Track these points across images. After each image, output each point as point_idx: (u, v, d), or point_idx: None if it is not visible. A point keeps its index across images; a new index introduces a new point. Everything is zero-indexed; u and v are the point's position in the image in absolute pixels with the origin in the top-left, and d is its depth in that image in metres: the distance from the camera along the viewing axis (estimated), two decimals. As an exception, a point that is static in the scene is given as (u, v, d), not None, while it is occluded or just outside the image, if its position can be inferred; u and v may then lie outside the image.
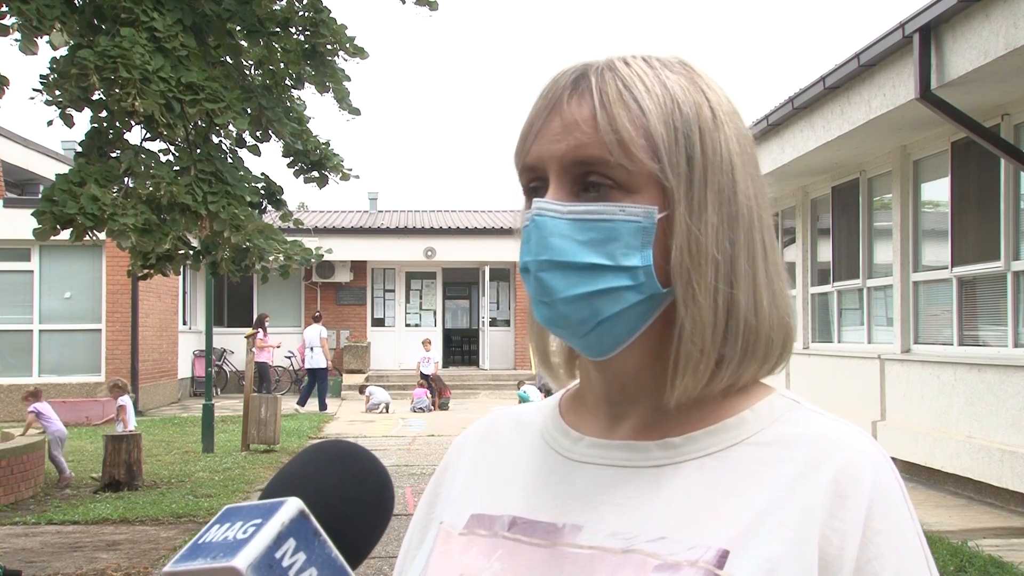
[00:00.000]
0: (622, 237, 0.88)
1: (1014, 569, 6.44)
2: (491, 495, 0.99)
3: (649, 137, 0.88)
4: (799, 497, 0.86)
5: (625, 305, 0.89)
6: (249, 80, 8.10)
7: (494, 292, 25.62)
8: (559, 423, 1.00)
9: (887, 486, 0.87)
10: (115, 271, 17.86)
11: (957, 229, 9.41)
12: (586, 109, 0.89)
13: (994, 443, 8.56)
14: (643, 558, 0.86)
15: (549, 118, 0.91)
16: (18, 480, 10.22)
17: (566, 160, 0.89)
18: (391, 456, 12.79)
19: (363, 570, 6.94)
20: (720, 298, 0.89)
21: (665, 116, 0.89)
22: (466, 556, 0.94)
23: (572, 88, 0.90)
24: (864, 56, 9.04)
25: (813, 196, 13.15)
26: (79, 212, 6.74)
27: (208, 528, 0.80)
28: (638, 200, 0.88)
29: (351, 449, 0.90)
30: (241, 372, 21.36)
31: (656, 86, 0.90)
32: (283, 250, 8.01)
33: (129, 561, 7.35)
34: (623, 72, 0.90)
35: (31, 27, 6.69)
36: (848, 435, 0.90)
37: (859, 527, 0.84)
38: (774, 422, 0.91)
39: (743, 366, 0.91)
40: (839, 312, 12.49)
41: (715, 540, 0.85)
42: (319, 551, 0.78)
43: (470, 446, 1.07)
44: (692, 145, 0.89)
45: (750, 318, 0.90)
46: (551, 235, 0.89)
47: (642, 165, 0.88)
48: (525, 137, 0.93)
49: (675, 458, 0.91)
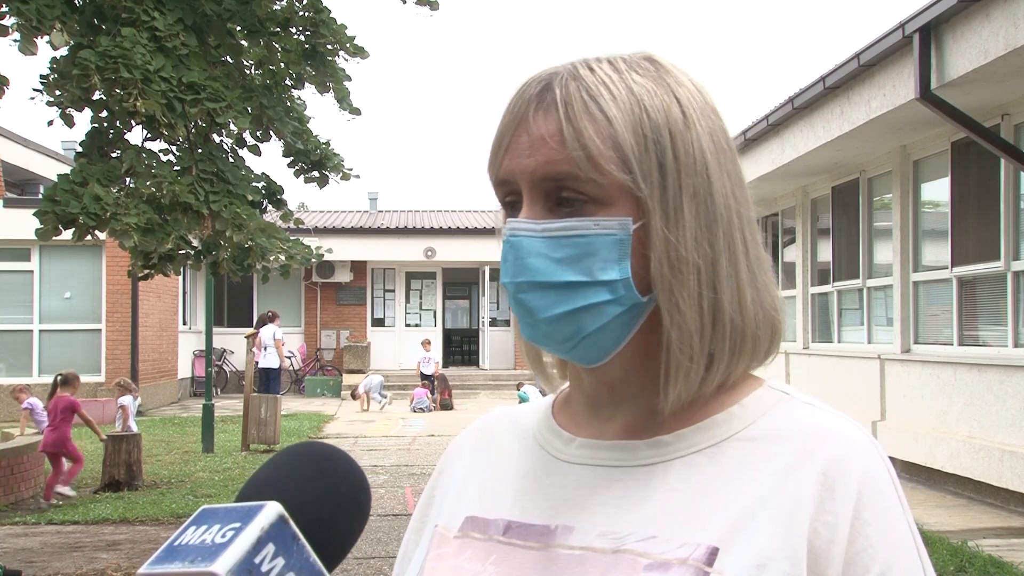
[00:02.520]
0: (598, 251, 0.87)
1: (1014, 569, 6.44)
2: (485, 497, 0.98)
3: (618, 147, 0.86)
4: (788, 491, 0.85)
5: (608, 319, 0.88)
6: (250, 80, 8.10)
7: (494, 292, 25.61)
8: (551, 424, 1.00)
9: (876, 476, 0.86)
10: (115, 271, 17.86)
11: (957, 229, 9.41)
12: (552, 123, 0.87)
13: (994, 443, 8.56)
14: (633, 558, 0.85)
15: (517, 133, 0.89)
16: (18, 480, 10.22)
17: (536, 176, 0.88)
18: (391, 456, 12.79)
19: (363, 570, 6.94)
20: (705, 303, 0.88)
21: (633, 123, 0.87)
22: (460, 560, 0.94)
23: (538, 101, 0.89)
24: (864, 56, 9.04)
25: (813, 196, 13.15)
26: (81, 212, 6.74)
27: (184, 529, 0.78)
28: (612, 212, 0.87)
29: (327, 451, 0.89)
30: (241, 372, 21.35)
31: (622, 92, 0.88)
32: (285, 249, 8.01)
33: (129, 561, 7.35)
34: (588, 80, 0.88)
35: (31, 27, 6.69)
36: (837, 426, 0.89)
37: (848, 519, 0.84)
38: (763, 416, 0.91)
39: (732, 365, 0.91)
40: (839, 312, 12.50)
41: (705, 537, 0.84)
42: (298, 556, 0.76)
43: (466, 448, 1.07)
44: (663, 151, 0.88)
45: (736, 318, 0.90)
46: (528, 255, 0.88)
47: (612, 177, 0.86)
48: (496, 151, 0.91)
49: (665, 456, 0.91)
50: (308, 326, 25.03)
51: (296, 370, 23.93)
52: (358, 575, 6.83)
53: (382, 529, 8.11)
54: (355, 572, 6.84)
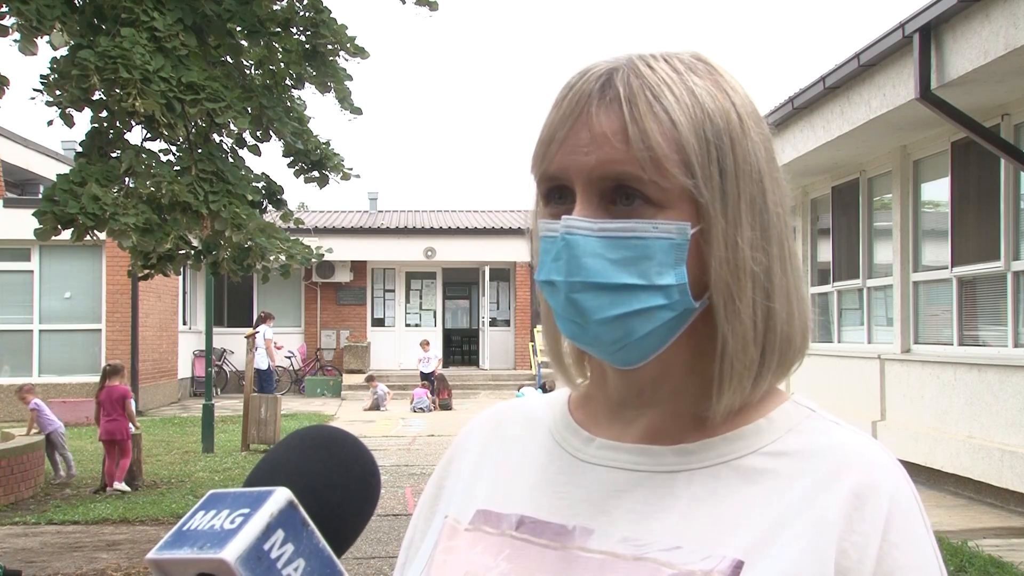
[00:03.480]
0: (655, 255, 0.85)
1: (1014, 569, 6.44)
2: (498, 491, 0.97)
3: (682, 151, 0.85)
4: (816, 509, 0.85)
5: (658, 323, 0.87)
6: (250, 80, 8.10)
7: (494, 292, 25.62)
8: (568, 421, 0.98)
9: (905, 500, 0.87)
10: (115, 271, 17.86)
11: (957, 229, 9.41)
12: (616, 121, 0.85)
13: (994, 443, 8.56)
14: (656, 567, 0.84)
15: (575, 127, 0.86)
16: (18, 480, 10.22)
17: (595, 175, 0.85)
18: (391, 456, 12.80)
19: (363, 570, 6.94)
20: (759, 310, 0.88)
21: (696, 127, 0.85)
22: (472, 553, 0.92)
23: (599, 96, 0.86)
24: (864, 56, 9.04)
25: (813, 196, 13.15)
26: (80, 212, 6.74)
27: (193, 514, 0.77)
28: (669, 215, 0.85)
29: (337, 435, 0.88)
30: (241, 372, 21.35)
31: (685, 94, 0.86)
32: (285, 249, 8.01)
33: (129, 561, 7.35)
34: (649, 78, 0.86)
35: (31, 27, 6.69)
36: (865, 447, 0.89)
37: (877, 540, 0.83)
38: (790, 431, 0.90)
39: (776, 375, 0.91)
40: (839, 312, 12.50)
41: (730, 551, 0.83)
42: (307, 541, 0.76)
43: (477, 439, 1.05)
44: (724, 156, 0.86)
45: (785, 327, 0.90)
46: (583, 254, 0.85)
47: (675, 181, 0.85)
48: (548, 143, 0.88)
49: (690, 464, 0.90)
50: (308, 326, 25.02)
51: (296, 370, 23.94)
52: (358, 575, 6.82)
53: (382, 529, 8.10)
54: (355, 572, 6.83)
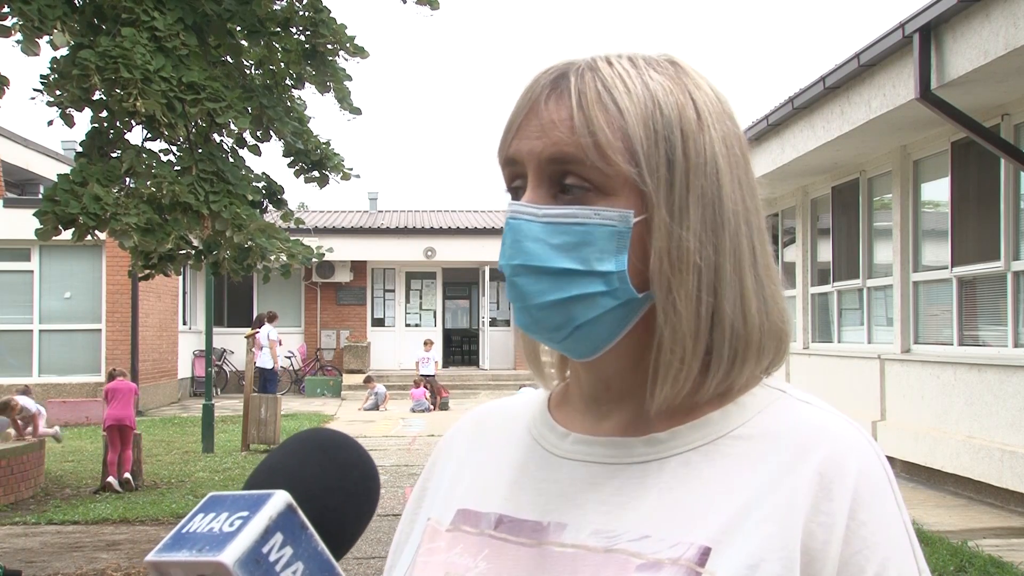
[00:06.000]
0: (596, 241, 0.86)
1: (1014, 569, 6.44)
2: (477, 490, 0.98)
3: (627, 139, 0.86)
4: (783, 490, 0.84)
5: (601, 311, 0.87)
6: (250, 80, 8.10)
7: (494, 292, 25.61)
8: (547, 418, 0.99)
9: (873, 476, 0.85)
10: (115, 271, 17.86)
11: (957, 229, 9.41)
12: (564, 110, 0.87)
13: (994, 443, 8.56)
14: (626, 557, 0.85)
15: (528, 117, 0.90)
16: (18, 480, 10.22)
17: (543, 158, 0.88)
18: (391, 456, 12.80)
19: (363, 570, 6.94)
20: (703, 307, 0.87)
21: (645, 118, 0.87)
22: (451, 554, 0.93)
23: (551, 88, 0.89)
24: (864, 56, 9.05)
25: (813, 196, 13.15)
26: (81, 212, 6.74)
27: (192, 516, 0.78)
28: (615, 204, 0.87)
29: (336, 438, 0.88)
30: (241, 372, 21.35)
31: (637, 87, 0.88)
32: (285, 249, 8.01)
33: (129, 561, 7.36)
34: (604, 72, 0.88)
35: (33, 28, 6.69)
36: (833, 425, 0.88)
37: (843, 520, 0.83)
38: (759, 413, 0.90)
39: (732, 375, 0.90)
40: (839, 312, 12.50)
41: (697, 537, 0.83)
42: (306, 545, 0.76)
43: (459, 441, 1.06)
44: (673, 148, 0.87)
45: (738, 327, 0.89)
46: (525, 239, 0.87)
47: (619, 168, 0.86)
48: (506, 133, 0.92)
49: (660, 454, 0.90)
50: (308, 326, 25.02)
51: (296, 370, 23.93)
52: (358, 575, 6.82)
53: (382, 529, 8.10)
54: (355, 572, 6.83)
